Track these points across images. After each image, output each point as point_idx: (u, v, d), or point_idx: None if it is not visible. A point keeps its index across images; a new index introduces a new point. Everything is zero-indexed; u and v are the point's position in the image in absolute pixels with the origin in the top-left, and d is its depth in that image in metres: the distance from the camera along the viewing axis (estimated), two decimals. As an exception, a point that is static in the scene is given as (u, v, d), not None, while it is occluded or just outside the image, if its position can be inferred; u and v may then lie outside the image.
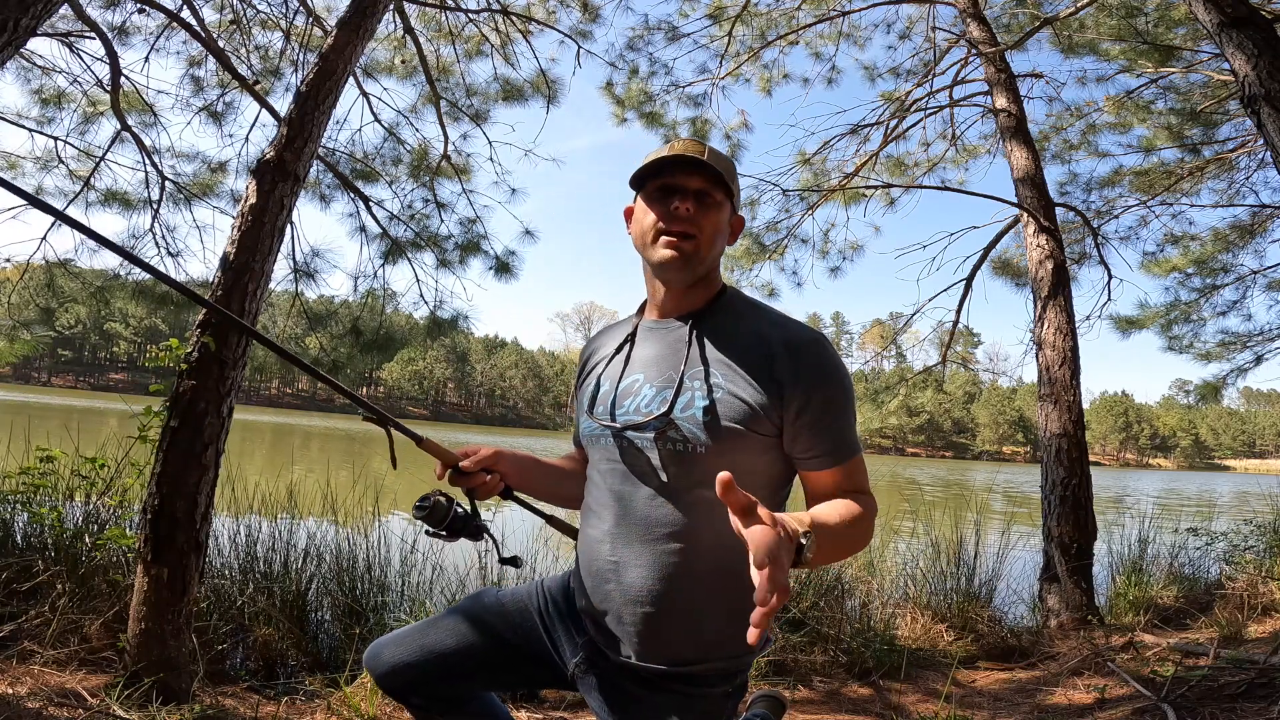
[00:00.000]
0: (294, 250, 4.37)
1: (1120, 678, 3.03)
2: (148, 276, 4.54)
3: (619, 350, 1.22)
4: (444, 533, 1.22)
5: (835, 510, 0.99)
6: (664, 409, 1.06)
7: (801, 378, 1.03)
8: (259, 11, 4.98)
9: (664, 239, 1.09)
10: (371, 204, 4.85)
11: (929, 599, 3.91)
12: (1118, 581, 4.55)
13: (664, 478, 1.07)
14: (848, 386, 1.07)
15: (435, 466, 1.22)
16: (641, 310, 1.25)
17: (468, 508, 1.25)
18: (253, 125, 4.83)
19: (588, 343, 1.35)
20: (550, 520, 1.39)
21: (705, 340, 1.11)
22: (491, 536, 1.27)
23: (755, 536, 0.71)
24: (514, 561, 1.36)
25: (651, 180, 1.13)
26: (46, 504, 2.82)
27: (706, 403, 1.04)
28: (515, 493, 1.28)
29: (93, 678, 2.32)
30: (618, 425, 1.12)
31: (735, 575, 1.05)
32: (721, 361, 1.07)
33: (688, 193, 1.10)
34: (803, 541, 0.80)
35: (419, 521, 1.21)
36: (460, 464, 1.20)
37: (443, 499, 1.21)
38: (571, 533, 1.34)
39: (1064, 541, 4.29)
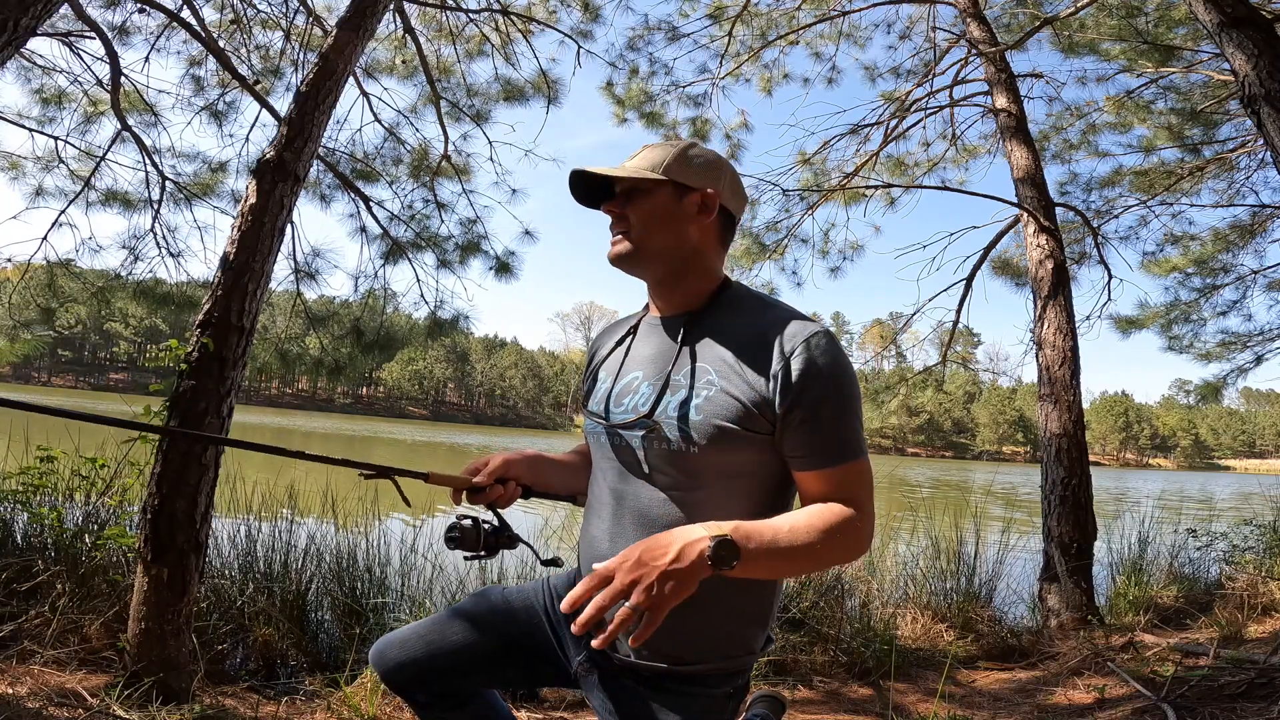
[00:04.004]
0: (294, 250, 4.37)
1: (1120, 678, 3.03)
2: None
3: (619, 344, 1.23)
4: (483, 553, 1.21)
5: (790, 518, 0.96)
6: (649, 408, 1.07)
7: (794, 371, 0.99)
8: (259, 11, 4.98)
9: (610, 240, 1.15)
10: (372, 204, 4.85)
11: (929, 599, 3.91)
12: (1118, 581, 4.55)
13: (657, 476, 1.07)
14: (846, 385, 1.01)
15: (449, 494, 1.21)
16: (648, 306, 1.25)
17: (495, 521, 1.23)
18: (253, 125, 4.83)
19: (596, 338, 1.36)
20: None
21: (700, 338, 1.10)
22: (527, 543, 1.26)
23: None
24: (555, 562, 1.33)
25: None
26: (46, 504, 2.82)
27: (697, 401, 1.03)
28: (534, 492, 1.28)
29: (93, 678, 2.32)
30: (610, 423, 1.12)
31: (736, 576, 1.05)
32: (716, 358, 1.06)
33: (614, 195, 1.15)
34: (709, 559, 0.86)
35: (455, 551, 1.20)
36: (472, 482, 1.20)
37: (468, 522, 1.19)
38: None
39: (1064, 541, 4.29)
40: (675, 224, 1.11)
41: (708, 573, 0.86)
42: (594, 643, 0.83)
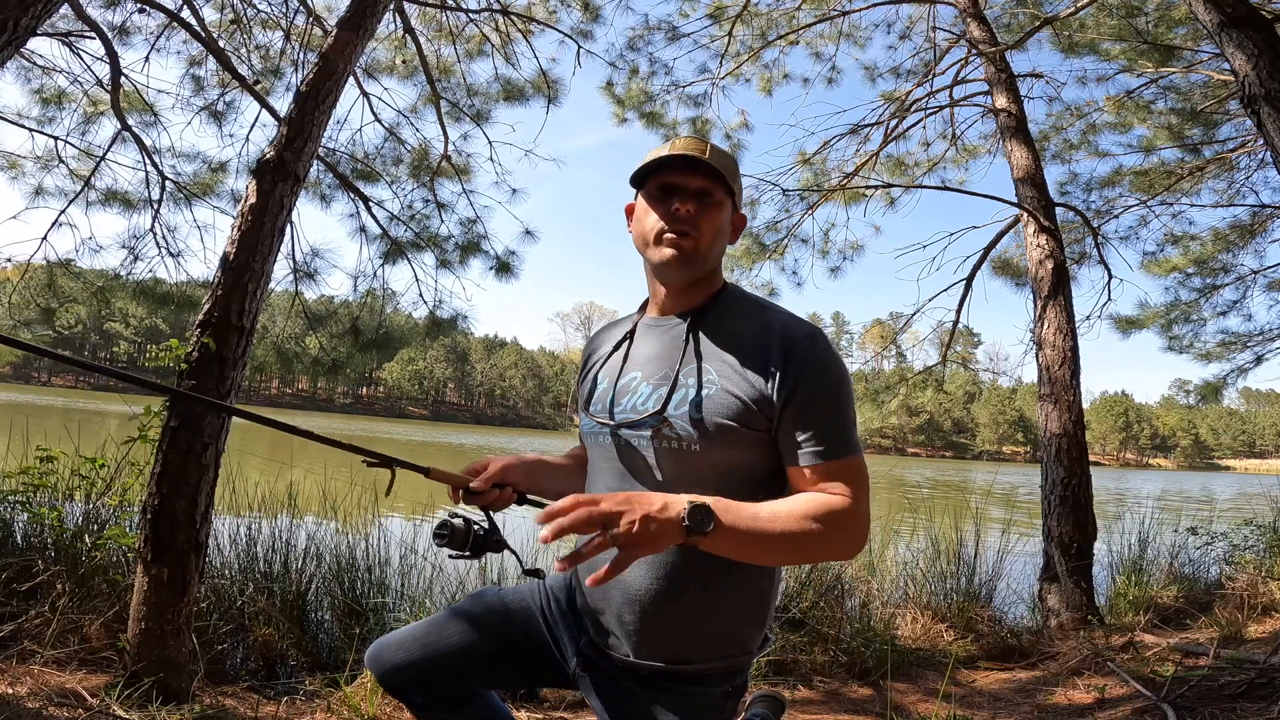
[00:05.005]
0: (294, 250, 4.37)
1: (1120, 678, 3.03)
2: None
3: (617, 347, 1.23)
4: (468, 553, 1.21)
5: (774, 503, 0.95)
6: (659, 407, 1.06)
7: (791, 370, 1.01)
8: (259, 11, 4.98)
9: (665, 239, 1.09)
10: (371, 204, 4.85)
11: (929, 599, 3.91)
12: (1118, 581, 4.55)
13: (660, 476, 1.07)
14: (839, 384, 1.03)
15: (447, 491, 1.22)
16: (643, 308, 1.25)
17: (485, 524, 1.24)
18: (253, 125, 4.82)
19: (590, 339, 1.36)
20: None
21: (702, 337, 1.11)
22: (513, 550, 1.26)
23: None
24: (537, 573, 1.33)
25: (652, 179, 1.13)
26: (46, 504, 2.82)
27: (700, 399, 1.04)
28: (528, 497, 1.28)
29: (93, 678, 2.32)
30: (614, 423, 1.12)
31: (734, 576, 1.05)
32: (717, 358, 1.07)
33: (688, 192, 1.09)
34: (685, 520, 0.84)
35: (442, 549, 1.21)
36: (470, 485, 1.20)
37: (459, 522, 1.20)
38: None
39: (1064, 541, 4.29)
40: (724, 239, 1.14)
41: (681, 536, 0.85)
42: (556, 564, 0.81)
